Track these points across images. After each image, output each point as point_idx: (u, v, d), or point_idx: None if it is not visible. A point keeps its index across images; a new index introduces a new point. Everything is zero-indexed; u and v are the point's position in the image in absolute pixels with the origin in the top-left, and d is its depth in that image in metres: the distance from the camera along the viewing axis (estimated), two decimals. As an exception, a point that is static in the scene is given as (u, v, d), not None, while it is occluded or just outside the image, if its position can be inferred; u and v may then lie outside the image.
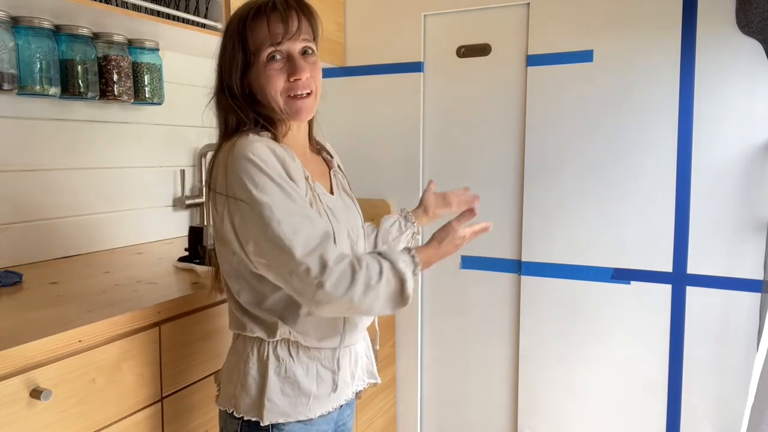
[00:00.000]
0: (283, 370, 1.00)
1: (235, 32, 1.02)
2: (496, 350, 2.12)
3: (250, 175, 0.92)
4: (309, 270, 0.88)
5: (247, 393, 1.00)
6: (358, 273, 0.90)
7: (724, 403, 1.79)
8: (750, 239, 1.73)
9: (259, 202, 0.90)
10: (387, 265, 0.93)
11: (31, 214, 1.52)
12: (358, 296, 0.90)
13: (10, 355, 0.88)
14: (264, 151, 0.94)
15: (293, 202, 0.92)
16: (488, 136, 2.08)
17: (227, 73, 1.04)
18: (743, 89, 1.72)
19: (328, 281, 0.88)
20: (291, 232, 0.89)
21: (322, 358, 1.04)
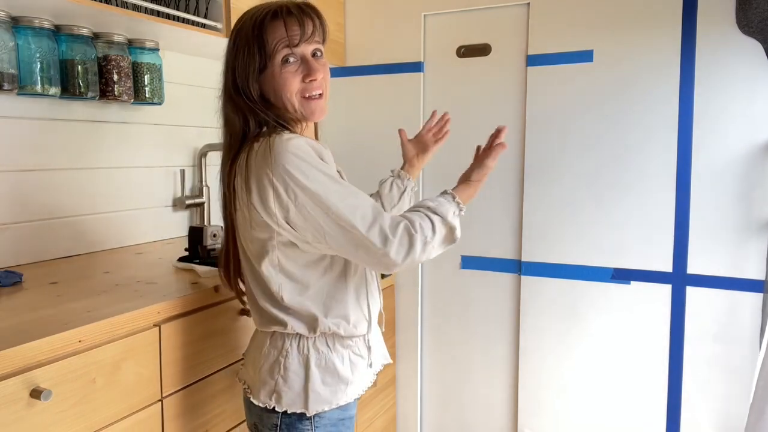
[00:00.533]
0: (323, 361, 1.07)
1: (251, 35, 1.04)
2: (496, 350, 2.12)
3: (299, 168, 0.97)
4: (373, 243, 0.97)
5: (290, 387, 1.06)
6: (415, 237, 0.99)
7: (725, 403, 1.79)
8: (750, 239, 1.73)
9: (313, 192, 0.97)
10: (437, 220, 1.03)
11: (31, 214, 1.52)
12: (418, 254, 0.99)
13: (10, 355, 0.88)
14: (303, 145, 0.99)
15: (341, 186, 0.99)
16: (488, 136, 2.07)
17: (243, 76, 1.05)
18: (743, 89, 1.72)
19: (392, 250, 0.97)
20: (349, 212, 0.97)
21: (353, 346, 1.11)
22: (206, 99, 2.04)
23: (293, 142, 0.98)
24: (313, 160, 0.98)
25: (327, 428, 1.08)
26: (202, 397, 1.26)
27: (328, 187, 0.98)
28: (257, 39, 1.04)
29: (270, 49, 1.04)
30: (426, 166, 2.19)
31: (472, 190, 1.17)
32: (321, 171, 0.98)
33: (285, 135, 1.01)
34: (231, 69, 1.07)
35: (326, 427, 1.08)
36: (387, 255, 0.97)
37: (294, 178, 0.97)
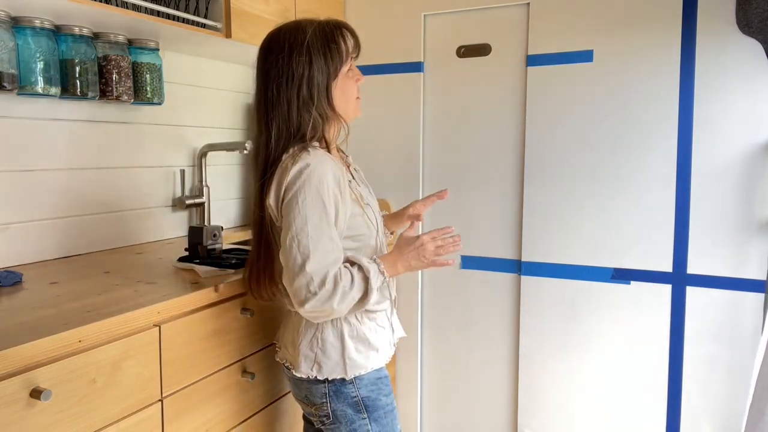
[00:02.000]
0: (355, 332, 1.22)
1: (326, 45, 1.19)
2: (496, 350, 2.12)
3: (309, 188, 1.11)
4: (311, 282, 1.08)
5: (329, 357, 1.21)
6: (339, 284, 1.10)
7: (724, 403, 1.79)
8: (750, 239, 1.73)
9: (301, 213, 1.11)
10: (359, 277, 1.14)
11: (30, 214, 1.52)
12: (336, 302, 1.10)
13: (10, 355, 0.88)
14: (328, 174, 1.13)
15: (327, 225, 1.12)
16: (488, 136, 2.08)
17: (313, 85, 1.18)
18: (743, 89, 1.72)
19: (318, 296, 1.09)
20: (313, 245, 1.09)
21: (377, 318, 1.26)
22: (206, 99, 2.04)
23: (322, 167, 1.13)
24: (325, 191, 1.12)
25: (368, 387, 1.23)
26: (202, 397, 1.26)
27: (315, 219, 1.11)
28: (332, 50, 1.19)
29: (343, 59, 1.21)
30: (426, 166, 2.20)
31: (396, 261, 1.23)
32: (323, 203, 1.11)
33: (320, 155, 1.15)
34: (304, 80, 1.17)
35: (367, 387, 1.23)
36: (314, 296, 1.08)
37: (303, 195, 1.11)
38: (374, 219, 1.26)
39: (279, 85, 1.18)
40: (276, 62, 1.18)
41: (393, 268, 1.21)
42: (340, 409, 1.22)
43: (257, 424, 1.42)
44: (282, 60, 1.18)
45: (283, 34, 1.20)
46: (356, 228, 1.21)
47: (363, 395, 1.23)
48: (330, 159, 1.17)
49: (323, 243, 1.10)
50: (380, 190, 2.25)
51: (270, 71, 1.20)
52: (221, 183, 2.11)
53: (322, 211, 1.11)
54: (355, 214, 1.20)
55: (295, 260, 1.10)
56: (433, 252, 1.22)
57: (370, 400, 1.23)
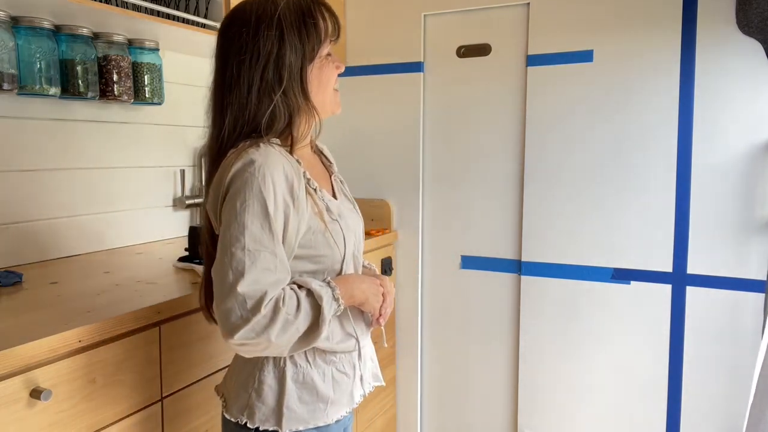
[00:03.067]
0: (300, 376, 0.99)
1: (301, 23, 0.99)
2: (496, 350, 2.12)
3: (250, 190, 0.91)
4: (242, 305, 0.87)
5: (264, 402, 0.98)
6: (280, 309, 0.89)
7: (725, 403, 1.79)
8: (750, 239, 1.73)
9: (238, 220, 0.90)
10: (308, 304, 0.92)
11: (31, 214, 1.52)
12: (275, 334, 0.88)
13: (10, 355, 0.88)
14: (277, 175, 0.93)
15: (270, 236, 0.91)
16: (488, 136, 2.08)
17: (288, 70, 0.98)
18: (743, 89, 1.72)
19: (252, 322, 0.86)
20: (250, 261, 0.89)
21: (337, 362, 1.03)
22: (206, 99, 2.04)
23: (271, 168, 0.92)
24: (271, 196, 0.91)
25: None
26: (202, 397, 1.26)
27: (255, 229, 0.90)
28: (309, 26, 0.99)
29: (321, 39, 1.00)
30: (426, 166, 2.20)
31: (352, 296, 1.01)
32: (266, 211, 0.91)
33: (272, 152, 0.95)
34: (271, 59, 0.97)
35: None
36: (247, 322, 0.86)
37: (242, 198, 0.91)
38: (342, 239, 1.02)
39: (240, 63, 0.97)
40: (238, 36, 0.98)
41: (349, 295, 1.00)
42: None
43: (257, 424, 1.42)
44: (246, 34, 0.97)
45: (249, 5, 1.00)
46: (315, 247, 0.99)
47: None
48: (284, 159, 0.96)
49: (263, 259, 0.89)
50: (380, 190, 2.25)
51: (230, 47, 0.99)
52: (221, 183, 2.11)
53: (264, 220, 0.90)
54: (314, 230, 0.98)
55: (225, 277, 0.88)
56: (383, 306, 1.07)
57: None
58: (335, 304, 0.95)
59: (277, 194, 0.92)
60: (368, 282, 1.05)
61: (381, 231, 2.17)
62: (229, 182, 0.93)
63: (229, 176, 0.93)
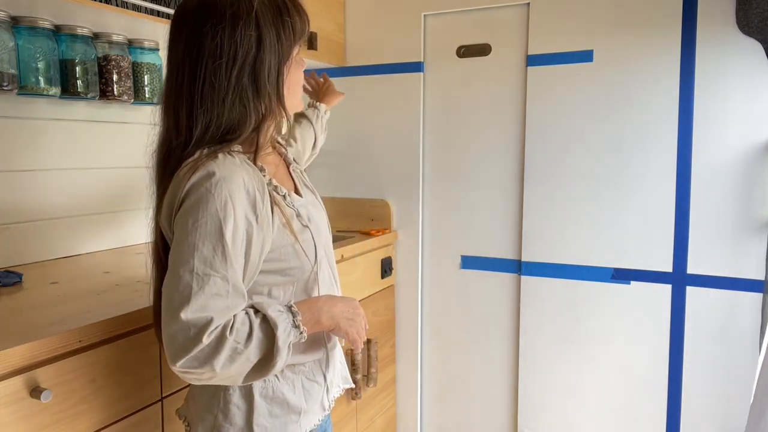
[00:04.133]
0: (270, 391, 0.94)
1: (278, 21, 0.92)
2: (496, 350, 2.12)
3: (205, 207, 0.84)
4: (185, 332, 0.80)
5: (231, 423, 0.93)
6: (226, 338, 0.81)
7: (725, 403, 1.79)
8: (750, 239, 1.73)
9: (190, 239, 0.83)
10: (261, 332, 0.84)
11: (31, 214, 1.52)
12: (221, 364, 0.81)
13: (10, 355, 0.88)
14: (238, 191, 0.86)
15: (222, 260, 0.83)
16: (488, 136, 2.08)
17: (267, 73, 0.91)
18: (743, 89, 1.72)
19: (194, 351, 0.80)
20: (198, 285, 0.81)
21: (306, 371, 0.99)
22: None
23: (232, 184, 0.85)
24: (229, 217, 0.84)
25: None
26: (202, 397, 1.26)
27: (206, 251, 0.83)
28: (286, 25, 0.93)
29: (296, 39, 0.95)
30: (425, 167, 2.20)
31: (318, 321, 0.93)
32: (221, 233, 0.83)
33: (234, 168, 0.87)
34: (249, 58, 0.90)
35: None
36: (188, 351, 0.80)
37: (195, 215, 0.83)
38: (312, 247, 0.97)
39: (216, 66, 0.89)
40: (213, 35, 0.89)
41: (315, 320, 0.91)
42: None
43: (257, 424, 1.42)
44: (222, 32, 0.88)
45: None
46: (285, 260, 0.93)
47: None
48: (245, 171, 0.88)
49: (212, 284, 0.82)
50: (380, 190, 2.25)
51: (203, 45, 0.90)
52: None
53: (218, 242, 0.83)
54: (283, 244, 0.92)
55: (171, 301, 0.82)
56: (359, 328, 0.98)
57: None
58: (294, 332, 0.87)
59: (237, 213, 0.85)
60: (341, 305, 0.96)
61: (381, 231, 2.17)
62: (183, 196, 0.85)
63: (184, 189, 0.85)
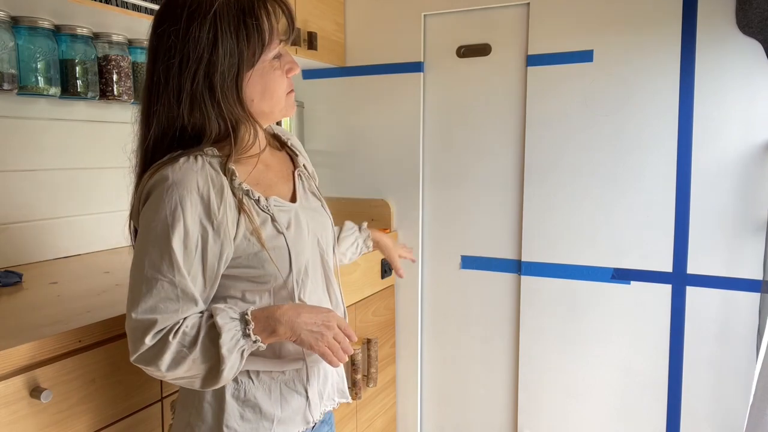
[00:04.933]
0: (241, 393, 0.93)
1: (240, 23, 0.87)
2: (496, 350, 2.12)
3: (155, 213, 0.85)
4: (134, 332, 0.84)
5: (203, 420, 0.93)
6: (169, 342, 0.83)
7: (724, 403, 1.79)
8: (750, 239, 1.73)
9: (142, 243, 0.86)
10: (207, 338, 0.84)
11: (31, 214, 1.52)
12: (166, 365, 0.83)
13: (10, 355, 0.88)
14: (189, 197, 0.85)
15: (169, 266, 0.84)
16: (488, 136, 2.08)
17: (221, 79, 0.87)
18: (743, 89, 1.72)
19: (140, 351, 0.84)
20: (146, 288, 0.84)
21: (286, 379, 0.96)
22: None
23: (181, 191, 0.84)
24: (180, 222, 0.84)
25: None
26: (202, 397, 1.26)
27: (155, 256, 0.84)
28: (250, 28, 0.87)
29: (265, 42, 0.89)
30: (425, 166, 2.20)
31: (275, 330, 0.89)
32: (171, 239, 0.83)
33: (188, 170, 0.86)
34: (202, 65, 0.86)
35: None
36: (136, 350, 0.84)
37: (148, 217, 0.86)
38: (286, 256, 0.93)
39: (168, 68, 0.87)
40: (168, 36, 0.87)
41: (271, 329, 0.87)
42: None
43: (257, 424, 1.42)
44: (175, 34, 0.86)
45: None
46: (253, 266, 0.91)
47: None
48: (202, 176, 0.86)
49: (159, 287, 0.83)
50: (380, 190, 2.25)
51: (159, 47, 0.88)
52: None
53: (165, 246, 0.83)
54: (247, 252, 0.90)
55: (127, 300, 0.86)
56: (329, 343, 0.90)
57: None
58: (244, 342, 0.85)
59: (187, 219, 0.84)
60: (306, 316, 0.90)
61: (381, 231, 2.17)
62: (144, 200, 0.88)
63: (144, 192, 0.88)
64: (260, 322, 0.87)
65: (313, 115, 2.33)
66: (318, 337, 0.90)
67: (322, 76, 2.29)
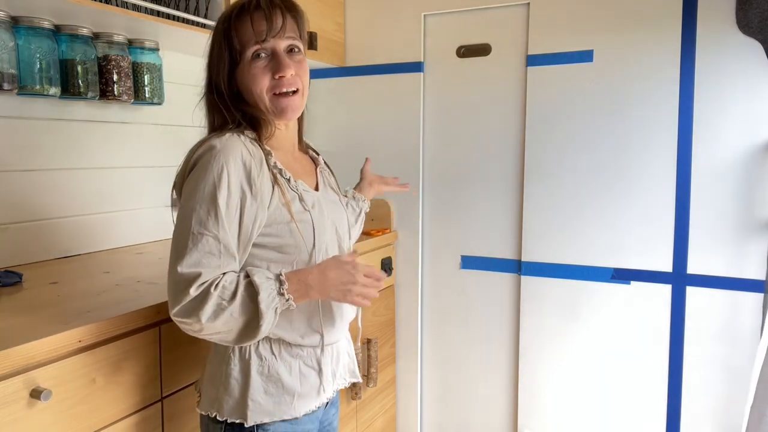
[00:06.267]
0: (266, 369, 1.01)
1: (221, 31, 1.05)
2: (496, 350, 2.12)
3: (203, 175, 0.96)
4: (178, 284, 0.91)
5: (230, 395, 1.01)
6: (211, 294, 0.91)
7: (724, 404, 1.79)
8: (750, 239, 1.73)
9: (189, 202, 0.96)
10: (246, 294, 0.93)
11: (31, 214, 1.52)
12: (206, 317, 0.90)
13: (10, 355, 0.88)
14: (234, 162, 0.97)
15: (215, 222, 0.94)
16: (488, 136, 2.08)
17: (215, 72, 1.06)
18: (743, 89, 1.72)
19: (183, 303, 0.91)
20: (192, 243, 0.93)
21: (304, 356, 1.05)
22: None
23: (224, 153, 0.96)
24: (223, 181, 0.95)
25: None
26: (202, 397, 1.26)
27: (202, 213, 0.94)
28: (226, 34, 1.04)
29: (240, 45, 1.04)
30: (426, 166, 2.20)
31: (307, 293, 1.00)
32: (215, 197, 0.94)
33: (226, 137, 0.99)
34: (207, 65, 1.09)
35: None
36: (178, 303, 0.91)
37: (193, 183, 0.97)
38: (311, 230, 1.03)
39: (205, 67, 1.10)
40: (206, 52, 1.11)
41: (303, 291, 0.97)
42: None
43: (257, 424, 1.42)
44: (208, 41, 1.10)
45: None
46: (280, 236, 1.00)
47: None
48: (245, 147, 1.00)
49: (204, 242, 0.92)
50: (380, 190, 2.25)
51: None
52: (221, 183, 2.11)
53: (212, 205, 0.93)
54: (278, 221, 1.00)
55: (171, 256, 0.94)
56: (359, 293, 1.01)
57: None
58: (279, 300, 0.94)
59: (231, 181, 0.95)
60: (333, 274, 1.00)
61: (381, 231, 2.17)
62: (191, 166, 0.99)
63: (192, 160, 0.99)
64: (293, 283, 0.97)
65: (313, 115, 2.32)
66: (346, 292, 1.00)
67: (322, 76, 2.29)
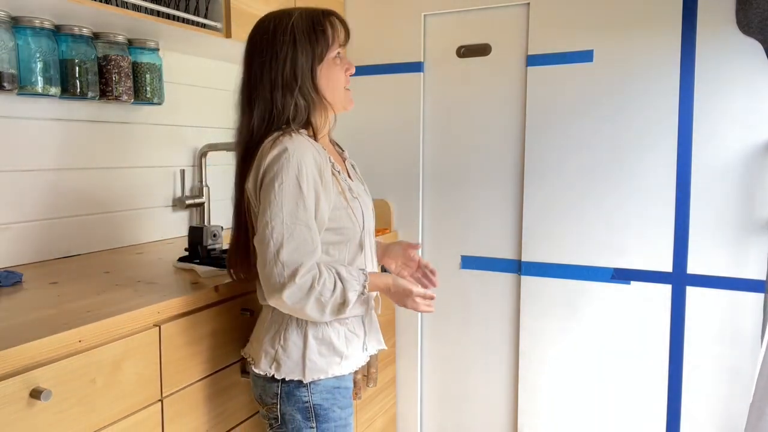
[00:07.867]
0: (320, 334, 1.17)
1: (310, 29, 1.17)
2: (496, 350, 2.12)
3: (286, 173, 1.08)
4: (282, 271, 1.05)
5: (289, 356, 1.16)
6: (313, 290, 1.07)
7: (724, 404, 1.79)
8: (750, 239, 1.73)
9: (277, 198, 1.07)
10: (339, 288, 1.10)
11: (31, 214, 1.52)
12: (309, 307, 1.08)
13: (10, 355, 0.88)
14: (308, 159, 1.10)
15: (304, 211, 1.09)
16: (488, 136, 2.08)
17: (290, 70, 1.16)
18: (743, 89, 1.72)
19: (289, 288, 1.05)
20: (288, 233, 1.07)
21: (348, 324, 1.21)
22: (206, 99, 2.04)
23: (301, 152, 1.10)
24: (303, 175, 1.09)
25: (322, 394, 1.17)
26: (202, 397, 1.26)
27: (290, 205, 1.08)
28: (318, 33, 1.17)
29: (326, 46, 1.18)
30: (426, 166, 2.20)
31: (383, 288, 1.21)
32: (300, 189, 1.08)
33: (300, 139, 1.12)
34: (287, 60, 1.15)
35: (321, 394, 1.17)
36: (283, 289, 1.05)
37: (279, 177, 1.08)
38: (360, 214, 1.21)
39: (262, 64, 1.16)
40: (260, 43, 1.18)
41: (374, 286, 1.20)
42: (290, 413, 1.17)
43: (257, 424, 1.42)
44: (266, 41, 1.17)
45: (269, 18, 1.20)
46: (339, 220, 1.17)
47: (315, 402, 1.17)
48: (311, 145, 1.14)
49: (299, 231, 1.07)
50: (380, 190, 2.25)
51: (254, 52, 1.19)
52: (221, 183, 2.11)
53: (299, 197, 1.08)
54: (338, 207, 1.17)
55: (268, 247, 1.07)
56: (413, 308, 1.22)
57: (322, 409, 1.17)
58: (361, 289, 1.14)
59: (308, 175, 1.10)
60: (395, 288, 1.20)
61: (381, 231, 2.17)
62: (266, 167, 1.09)
63: (266, 162, 1.10)
64: (372, 285, 1.17)
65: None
66: (405, 303, 1.21)
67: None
